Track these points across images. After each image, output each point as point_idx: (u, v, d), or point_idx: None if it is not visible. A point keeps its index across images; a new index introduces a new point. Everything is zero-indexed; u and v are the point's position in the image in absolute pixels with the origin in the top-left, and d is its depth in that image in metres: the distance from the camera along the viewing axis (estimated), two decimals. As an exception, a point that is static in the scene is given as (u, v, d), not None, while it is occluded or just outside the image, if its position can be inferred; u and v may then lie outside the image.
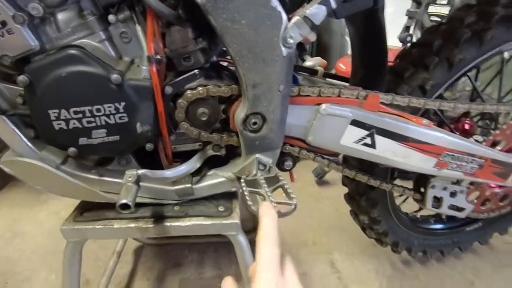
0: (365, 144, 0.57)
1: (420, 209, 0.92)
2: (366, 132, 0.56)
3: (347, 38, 1.67)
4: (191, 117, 0.51)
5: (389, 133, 0.56)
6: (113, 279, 0.92)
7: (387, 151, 0.58)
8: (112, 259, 0.89)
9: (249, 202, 0.41)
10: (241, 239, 0.58)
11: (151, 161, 0.55)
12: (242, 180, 0.49)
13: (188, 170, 0.54)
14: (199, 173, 0.58)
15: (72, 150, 0.46)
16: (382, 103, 0.56)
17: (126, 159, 0.54)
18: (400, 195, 0.76)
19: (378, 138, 0.57)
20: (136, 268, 1.01)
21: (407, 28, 1.48)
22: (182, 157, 0.58)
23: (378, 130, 0.56)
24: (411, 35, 1.40)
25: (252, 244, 1.14)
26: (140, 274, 1.00)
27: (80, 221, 0.55)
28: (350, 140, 0.57)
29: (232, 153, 0.60)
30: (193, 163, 0.55)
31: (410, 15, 1.40)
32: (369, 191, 0.77)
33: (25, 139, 0.47)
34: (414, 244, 0.92)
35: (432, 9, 1.32)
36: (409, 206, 0.95)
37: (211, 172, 0.58)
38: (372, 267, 1.04)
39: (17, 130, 0.47)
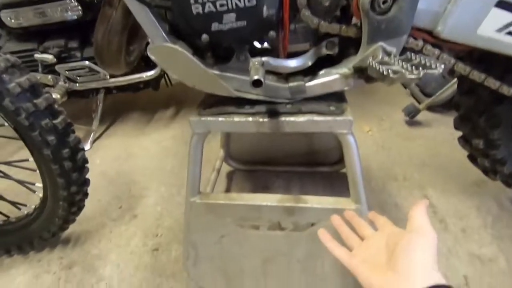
0: None
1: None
2: (515, 16, 0.48)
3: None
4: (312, 3, 0.50)
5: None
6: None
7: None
8: (213, 174, 0.99)
9: (385, 72, 0.39)
10: (352, 139, 0.58)
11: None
12: (370, 59, 0.47)
13: (304, 63, 0.54)
14: (311, 73, 0.59)
15: (205, 36, 0.50)
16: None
17: (245, 55, 0.56)
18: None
19: (531, 23, 0.48)
20: (229, 188, 1.12)
21: None
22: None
23: (532, 12, 0.47)
24: None
25: (340, 177, 1.14)
26: (233, 192, 1.10)
27: (205, 115, 0.61)
28: (492, 27, 0.49)
29: (345, 53, 0.58)
30: (307, 58, 0.55)
31: None
32: (493, 107, 0.68)
33: (162, 31, 0.53)
34: (536, 178, 0.81)
35: None
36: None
37: (323, 71, 0.58)
38: (473, 204, 0.96)
39: (156, 23, 0.52)
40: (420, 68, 0.39)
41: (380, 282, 0.41)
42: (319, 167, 1.11)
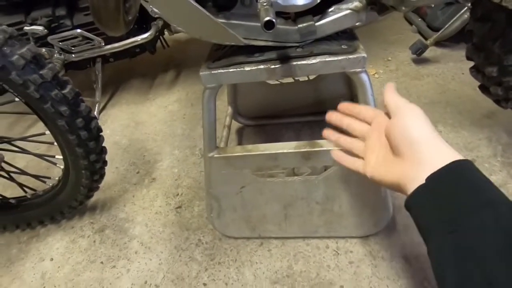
0: None
1: None
2: None
3: None
4: None
5: None
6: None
7: None
8: (224, 131, 1.00)
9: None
10: (365, 77, 0.58)
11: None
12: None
13: (312, 1, 0.52)
14: (319, 12, 0.56)
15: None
16: None
17: (250, -1, 0.54)
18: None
19: None
20: (241, 144, 1.14)
21: None
22: None
23: None
24: None
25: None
26: (246, 148, 1.13)
27: (215, 68, 0.60)
28: None
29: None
30: (316, -5, 0.53)
31: None
32: (509, 32, 0.65)
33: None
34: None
35: None
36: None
37: (332, 8, 0.55)
38: (484, 136, 0.97)
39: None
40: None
41: (397, 177, 0.40)
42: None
